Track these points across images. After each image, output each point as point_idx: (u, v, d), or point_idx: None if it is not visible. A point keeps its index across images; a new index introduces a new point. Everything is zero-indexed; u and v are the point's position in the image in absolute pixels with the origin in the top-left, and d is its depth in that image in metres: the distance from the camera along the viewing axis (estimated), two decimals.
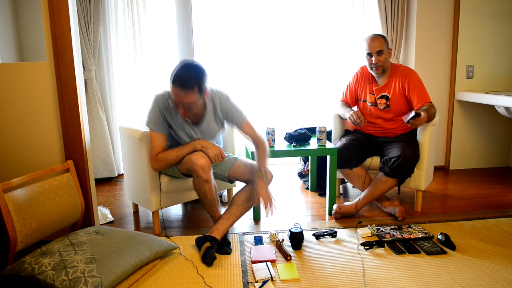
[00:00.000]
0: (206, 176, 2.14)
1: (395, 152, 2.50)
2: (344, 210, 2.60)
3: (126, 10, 3.46)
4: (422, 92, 2.59)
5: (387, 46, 2.64)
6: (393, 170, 2.47)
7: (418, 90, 2.59)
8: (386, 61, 2.63)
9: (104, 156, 3.51)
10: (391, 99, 2.66)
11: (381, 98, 2.70)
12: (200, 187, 2.18)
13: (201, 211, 2.82)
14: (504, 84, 3.63)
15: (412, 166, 2.51)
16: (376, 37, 2.62)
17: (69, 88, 2.21)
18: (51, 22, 2.14)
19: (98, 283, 1.66)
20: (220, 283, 1.88)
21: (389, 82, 2.68)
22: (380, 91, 2.70)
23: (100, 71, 3.49)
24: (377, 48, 2.58)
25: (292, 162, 4.07)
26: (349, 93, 2.88)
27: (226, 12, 3.66)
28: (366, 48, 2.62)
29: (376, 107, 2.73)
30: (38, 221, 1.97)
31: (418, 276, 1.90)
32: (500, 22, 3.50)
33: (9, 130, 2.23)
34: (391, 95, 2.66)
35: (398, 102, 2.64)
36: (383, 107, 2.70)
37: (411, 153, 2.47)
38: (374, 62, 2.61)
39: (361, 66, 2.83)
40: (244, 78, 3.80)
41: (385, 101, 2.68)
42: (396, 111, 2.67)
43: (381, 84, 2.71)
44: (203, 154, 2.15)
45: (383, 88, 2.69)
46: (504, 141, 3.75)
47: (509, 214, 2.64)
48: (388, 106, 2.68)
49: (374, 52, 2.59)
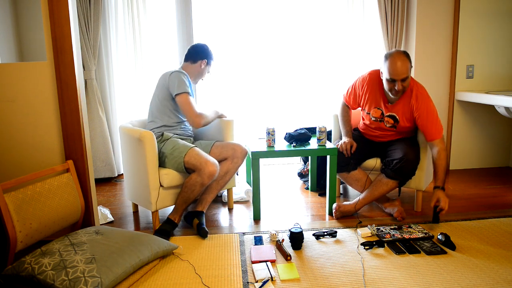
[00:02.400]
0: (207, 182, 2.37)
1: (397, 154, 2.47)
2: (344, 209, 2.60)
3: (126, 10, 3.46)
4: (435, 127, 2.40)
5: (411, 66, 2.33)
6: (394, 172, 2.46)
7: (431, 124, 2.41)
8: (408, 83, 2.35)
9: (104, 156, 3.51)
10: (400, 121, 2.51)
11: (389, 117, 2.53)
12: (194, 185, 2.36)
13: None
14: (504, 84, 3.63)
15: (414, 169, 2.46)
16: (402, 60, 2.26)
17: (69, 88, 2.21)
18: (51, 22, 2.14)
19: (98, 283, 1.66)
20: (220, 283, 1.88)
21: (400, 102, 2.47)
22: (390, 110, 2.51)
23: (100, 71, 3.49)
24: (404, 75, 2.27)
25: (292, 162, 4.07)
26: (353, 96, 2.69)
27: (226, 12, 3.66)
28: (390, 72, 2.29)
29: (381, 122, 2.58)
30: (38, 221, 1.97)
31: (418, 276, 1.90)
32: (500, 22, 3.50)
33: (9, 130, 2.23)
34: (401, 118, 2.49)
35: (406, 124, 2.52)
36: (389, 126, 2.56)
37: (413, 156, 2.44)
38: (397, 89, 2.31)
39: (370, 71, 2.59)
40: (244, 78, 3.81)
41: (392, 122, 2.53)
42: (402, 131, 2.58)
43: (393, 102, 2.49)
44: (216, 163, 2.40)
45: (393, 107, 2.50)
46: (504, 141, 3.75)
47: (509, 214, 2.63)
48: (395, 127, 2.55)
49: (400, 80, 2.29)
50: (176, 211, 2.43)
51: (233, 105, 3.84)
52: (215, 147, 2.63)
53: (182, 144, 2.46)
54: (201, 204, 2.53)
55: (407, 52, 2.35)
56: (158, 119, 2.58)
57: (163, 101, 2.57)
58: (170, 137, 2.53)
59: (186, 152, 2.39)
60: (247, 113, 3.89)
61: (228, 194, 2.88)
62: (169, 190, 2.46)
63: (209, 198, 2.56)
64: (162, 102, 2.57)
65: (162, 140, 2.52)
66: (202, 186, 2.38)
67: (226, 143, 2.64)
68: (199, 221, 2.43)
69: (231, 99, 3.84)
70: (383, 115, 2.55)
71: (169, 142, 2.49)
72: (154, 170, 2.37)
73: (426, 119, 2.42)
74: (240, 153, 2.60)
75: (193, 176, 2.37)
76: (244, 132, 3.83)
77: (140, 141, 2.34)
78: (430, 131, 2.43)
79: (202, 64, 2.69)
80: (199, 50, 2.68)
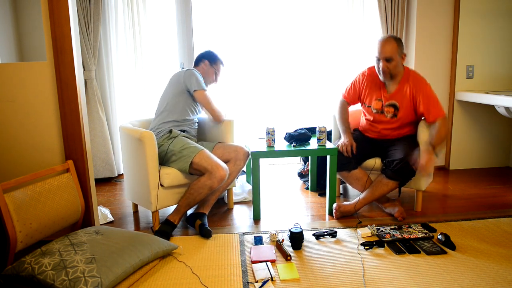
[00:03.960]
0: (216, 186, 2.38)
1: (397, 155, 2.47)
2: (344, 209, 2.60)
3: (126, 10, 3.46)
4: (435, 107, 2.47)
5: (400, 51, 2.44)
6: (394, 172, 2.46)
7: (432, 105, 2.47)
8: (395, 68, 2.46)
9: (104, 156, 3.51)
10: (400, 109, 2.54)
11: (389, 106, 2.57)
12: (202, 188, 2.36)
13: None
14: (504, 84, 3.63)
15: (414, 170, 2.46)
16: (389, 41, 2.41)
17: (69, 88, 2.21)
18: (51, 22, 2.14)
19: (98, 283, 1.66)
20: (220, 283, 1.88)
21: (399, 90, 2.53)
22: (389, 99, 2.56)
23: (100, 71, 3.49)
24: (386, 54, 2.41)
25: (292, 162, 4.07)
26: (352, 91, 2.73)
27: (226, 12, 3.66)
28: (376, 50, 2.46)
29: (382, 114, 2.62)
30: (38, 221, 1.97)
31: (418, 276, 1.90)
32: (500, 22, 3.50)
33: (9, 130, 2.23)
34: (401, 105, 2.53)
35: (407, 113, 2.55)
36: (390, 116, 2.59)
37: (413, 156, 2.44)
38: (381, 68, 2.46)
39: (369, 67, 2.68)
40: (244, 78, 3.81)
41: (393, 110, 2.56)
42: (403, 122, 2.59)
43: (391, 91, 2.56)
44: (226, 167, 2.42)
45: (392, 96, 2.56)
46: (504, 141, 3.75)
47: (509, 214, 2.63)
48: (396, 116, 2.57)
49: (382, 58, 2.43)
50: (177, 212, 2.42)
51: (233, 105, 3.84)
52: (217, 148, 2.63)
53: (193, 145, 2.46)
54: (203, 207, 2.53)
55: (398, 38, 2.49)
56: (169, 114, 2.59)
57: (176, 97, 2.60)
58: (178, 134, 2.53)
59: (196, 153, 2.39)
60: (247, 113, 3.89)
61: (228, 195, 2.88)
62: (169, 190, 2.46)
63: (211, 201, 2.57)
64: (175, 98, 2.60)
65: (170, 137, 2.51)
66: (210, 190, 2.38)
67: (228, 145, 2.65)
68: (202, 222, 2.42)
69: (231, 99, 3.84)
70: (383, 106, 2.59)
71: (178, 140, 2.49)
72: (154, 170, 2.37)
73: (427, 100, 2.48)
74: (242, 155, 2.60)
75: (202, 179, 2.37)
76: (244, 132, 3.83)
77: (140, 141, 2.34)
78: (430, 110, 2.47)
79: (204, 66, 2.73)
80: (201, 54, 2.79)
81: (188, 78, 2.57)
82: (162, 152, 2.48)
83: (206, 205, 2.54)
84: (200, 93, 2.56)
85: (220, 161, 2.41)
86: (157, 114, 2.66)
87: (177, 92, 2.60)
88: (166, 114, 2.59)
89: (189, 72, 2.59)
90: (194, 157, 2.38)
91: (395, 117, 2.59)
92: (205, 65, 2.73)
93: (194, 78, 2.57)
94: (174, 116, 2.59)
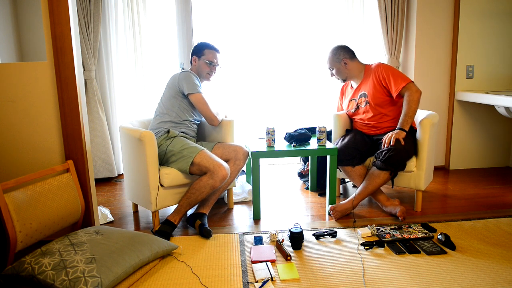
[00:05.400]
0: (218, 185, 2.38)
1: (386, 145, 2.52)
2: (341, 208, 2.60)
3: (126, 10, 3.46)
4: (397, 77, 2.61)
5: (338, 59, 2.73)
6: (384, 162, 2.48)
7: (392, 76, 2.61)
8: (340, 73, 2.78)
9: (104, 156, 3.51)
10: (368, 94, 2.71)
11: (360, 97, 2.78)
12: (204, 187, 2.36)
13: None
14: (504, 84, 3.63)
15: (403, 158, 2.51)
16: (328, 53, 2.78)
17: (69, 88, 2.21)
18: (51, 22, 2.14)
19: (98, 283, 1.66)
20: (220, 283, 1.88)
21: (363, 82, 2.77)
22: (358, 92, 2.80)
23: (100, 71, 3.49)
24: (327, 66, 2.80)
25: (292, 162, 4.07)
26: (341, 104, 3.03)
27: (226, 12, 3.66)
28: None
29: (358, 108, 2.81)
30: (38, 221, 1.97)
31: (418, 276, 1.90)
32: (500, 22, 3.50)
33: (9, 130, 2.23)
34: (367, 91, 2.72)
35: (377, 95, 2.68)
36: (364, 105, 2.75)
37: (401, 146, 2.47)
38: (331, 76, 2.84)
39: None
40: (244, 78, 3.81)
41: (364, 98, 2.75)
42: (378, 105, 2.70)
43: (356, 86, 2.83)
44: (228, 166, 2.43)
45: (358, 88, 2.80)
46: (504, 141, 3.75)
47: (509, 214, 2.64)
48: (368, 103, 2.73)
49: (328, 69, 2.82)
50: (178, 212, 2.42)
51: (233, 105, 3.84)
52: (216, 148, 2.64)
53: (192, 145, 2.46)
54: (203, 207, 2.54)
55: (336, 46, 2.77)
56: (166, 115, 2.61)
57: (171, 99, 2.62)
58: (176, 134, 2.54)
59: (197, 152, 2.39)
60: (247, 113, 3.89)
61: (228, 194, 2.88)
62: (169, 190, 2.46)
63: (211, 201, 2.57)
64: (170, 100, 2.62)
65: (169, 137, 2.51)
66: (212, 189, 2.39)
67: (228, 145, 2.65)
68: (202, 222, 2.43)
69: (231, 99, 3.84)
70: (356, 100, 2.81)
71: (177, 140, 2.49)
72: (154, 170, 2.37)
73: (387, 74, 2.63)
74: (242, 155, 2.61)
75: (204, 178, 2.37)
76: (244, 132, 3.83)
77: (140, 141, 2.34)
78: (395, 81, 2.60)
79: (194, 62, 2.75)
80: (191, 52, 2.81)
81: (181, 81, 2.59)
82: (161, 152, 2.48)
83: (206, 205, 2.54)
84: (194, 97, 2.57)
85: (221, 161, 2.42)
86: (156, 114, 2.67)
87: (172, 94, 2.62)
88: (164, 115, 2.62)
89: (183, 75, 2.60)
90: (195, 157, 2.38)
91: (368, 104, 2.73)
92: (194, 62, 2.74)
93: (188, 81, 2.57)
94: (171, 117, 2.60)
